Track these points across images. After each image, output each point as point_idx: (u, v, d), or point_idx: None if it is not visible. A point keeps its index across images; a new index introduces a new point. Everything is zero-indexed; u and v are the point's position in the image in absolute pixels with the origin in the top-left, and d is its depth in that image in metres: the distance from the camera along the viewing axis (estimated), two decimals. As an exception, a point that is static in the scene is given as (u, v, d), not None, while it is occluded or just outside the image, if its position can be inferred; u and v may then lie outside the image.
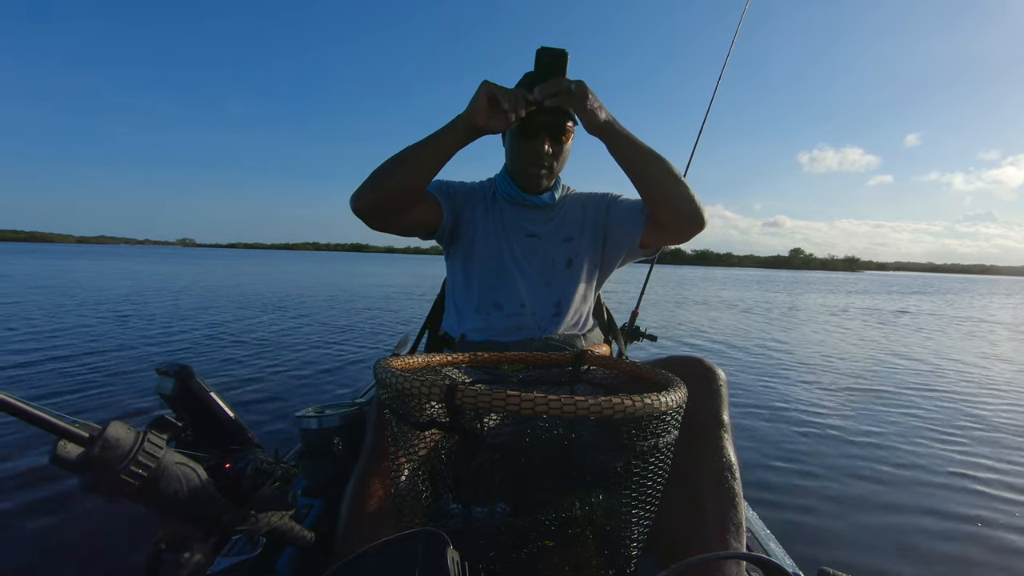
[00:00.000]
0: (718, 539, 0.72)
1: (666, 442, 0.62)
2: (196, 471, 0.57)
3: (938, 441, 2.82)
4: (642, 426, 0.59)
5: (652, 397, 0.56)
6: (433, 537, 0.47)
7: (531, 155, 1.11)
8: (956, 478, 2.32)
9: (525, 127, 1.07)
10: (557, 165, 1.15)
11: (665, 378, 0.72)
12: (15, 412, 0.45)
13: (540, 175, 1.14)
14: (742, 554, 0.62)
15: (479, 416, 0.63)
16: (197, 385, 0.73)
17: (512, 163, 1.17)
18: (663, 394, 0.57)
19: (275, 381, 3.60)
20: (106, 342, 4.76)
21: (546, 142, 1.10)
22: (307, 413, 1.14)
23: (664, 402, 0.56)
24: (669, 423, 0.61)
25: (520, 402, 0.51)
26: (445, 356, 0.91)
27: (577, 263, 1.18)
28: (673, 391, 0.60)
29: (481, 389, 0.53)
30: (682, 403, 0.61)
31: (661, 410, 0.56)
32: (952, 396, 3.88)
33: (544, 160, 1.11)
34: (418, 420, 0.62)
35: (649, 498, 0.63)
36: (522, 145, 1.11)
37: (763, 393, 3.75)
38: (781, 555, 0.99)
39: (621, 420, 0.55)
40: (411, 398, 0.60)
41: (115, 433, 0.50)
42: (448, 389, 0.55)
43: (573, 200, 1.25)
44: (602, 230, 1.21)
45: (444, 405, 0.56)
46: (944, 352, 6.09)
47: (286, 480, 0.65)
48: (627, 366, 0.86)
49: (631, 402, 0.53)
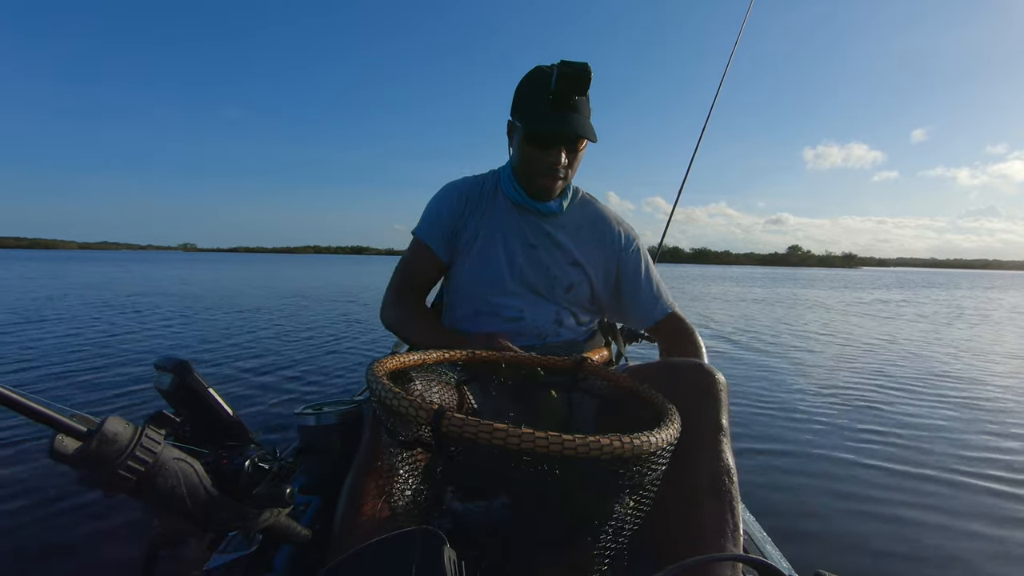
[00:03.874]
0: (714, 541, 0.72)
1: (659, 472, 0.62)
2: (194, 467, 0.57)
3: (939, 441, 2.82)
4: (629, 466, 0.58)
5: (642, 438, 0.55)
6: (429, 535, 0.47)
7: (544, 166, 1.05)
8: (957, 478, 2.32)
9: (539, 137, 1.02)
10: (570, 174, 1.10)
11: (661, 405, 0.72)
12: (13, 405, 0.44)
13: (553, 188, 1.09)
14: (738, 556, 0.62)
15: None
16: (195, 381, 0.73)
17: (521, 169, 1.10)
18: (655, 432, 0.57)
19: (274, 378, 3.60)
20: (105, 338, 4.76)
21: (562, 152, 1.04)
22: (305, 410, 1.14)
23: (655, 441, 0.56)
24: (658, 461, 0.60)
25: (507, 437, 0.50)
26: (442, 354, 0.91)
27: (579, 292, 1.15)
28: (665, 426, 0.59)
29: (468, 420, 0.52)
30: (673, 440, 0.60)
31: (650, 451, 0.55)
32: (952, 396, 3.88)
33: (559, 172, 1.06)
34: (404, 437, 0.61)
35: (644, 503, 0.63)
36: (534, 154, 1.05)
37: (762, 394, 3.75)
38: (777, 558, 0.99)
39: (608, 461, 0.54)
40: (397, 416, 0.59)
41: (113, 427, 0.50)
42: (436, 414, 0.54)
43: (584, 217, 1.19)
44: (612, 289, 1.19)
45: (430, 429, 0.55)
46: (930, 348, 6.09)
47: (284, 477, 0.65)
48: (625, 382, 0.86)
49: (619, 443, 0.53)
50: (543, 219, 1.16)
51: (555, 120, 0.99)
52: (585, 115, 1.02)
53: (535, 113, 1.01)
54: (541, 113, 1.00)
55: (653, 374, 0.88)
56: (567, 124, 0.99)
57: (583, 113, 1.02)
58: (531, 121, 1.02)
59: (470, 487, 0.65)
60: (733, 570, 0.70)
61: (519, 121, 1.05)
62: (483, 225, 1.16)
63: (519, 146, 1.07)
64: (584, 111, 1.02)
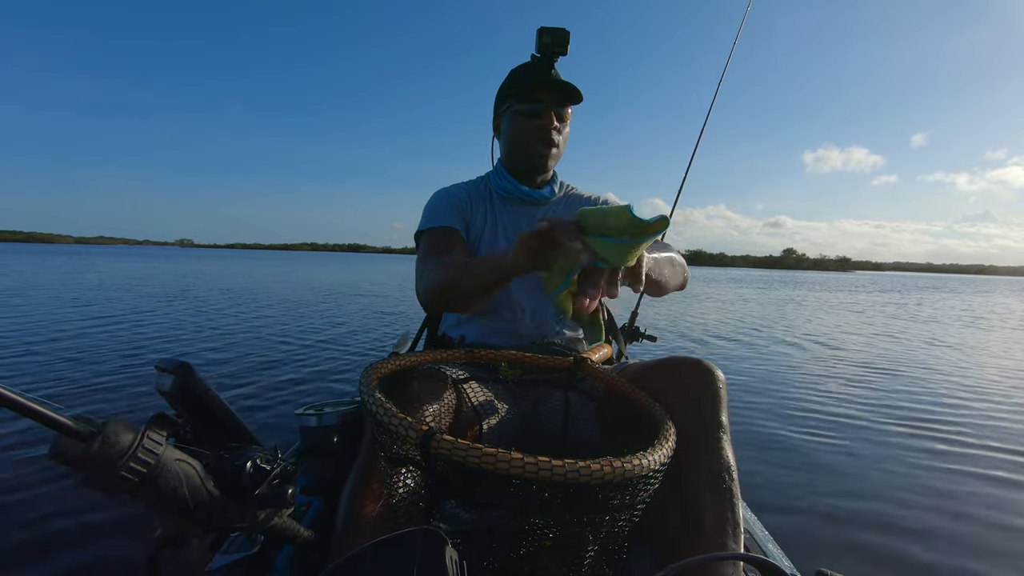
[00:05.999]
0: (716, 540, 0.72)
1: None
2: (195, 468, 0.57)
3: (941, 441, 2.82)
4: (619, 490, 0.58)
5: (633, 461, 0.54)
6: (431, 536, 0.47)
7: (537, 131, 1.11)
8: (959, 479, 2.32)
9: (530, 105, 1.10)
10: (561, 146, 1.15)
11: (658, 417, 0.72)
12: (14, 406, 0.45)
13: (547, 154, 1.13)
14: (740, 555, 0.62)
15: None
16: (196, 382, 0.73)
17: (514, 145, 1.15)
18: (647, 454, 0.56)
19: (274, 378, 3.60)
20: (105, 338, 4.77)
21: (552, 116, 1.11)
22: (306, 411, 1.14)
23: (647, 464, 0.55)
24: (650, 481, 0.60)
25: (496, 462, 0.51)
26: (441, 353, 0.91)
27: None
28: (659, 444, 0.59)
29: (457, 443, 0.53)
30: (666, 459, 0.59)
31: (641, 474, 0.55)
32: (951, 394, 3.88)
33: (552, 137, 1.12)
34: (394, 453, 0.61)
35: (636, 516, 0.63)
36: (527, 123, 1.11)
37: (762, 393, 3.75)
38: (779, 556, 0.99)
39: (598, 486, 0.54)
40: (387, 433, 0.58)
41: (114, 429, 0.50)
42: (425, 436, 0.54)
43: (571, 200, 1.24)
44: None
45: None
46: (915, 349, 6.09)
47: (285, 478, 0.65)
48: (623, 387, 0.85)
49: (610, 468, 0.52)
50: (536, 208, 1.19)
51: (543, 77, 1.09)
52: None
53: (524, 82, 1.11)
54: (529, 79, 1.10)
55: (653, 372, 0.88)
56: (553, 78, 1.09)
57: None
58: (521, 88, 1.10)
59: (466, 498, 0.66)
60: (735, 569, 0.71)
61: (507, 103, 1.14)
62: (484, 225, 1.17)
63: (510, 126, 1.14)
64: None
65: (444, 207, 1.17)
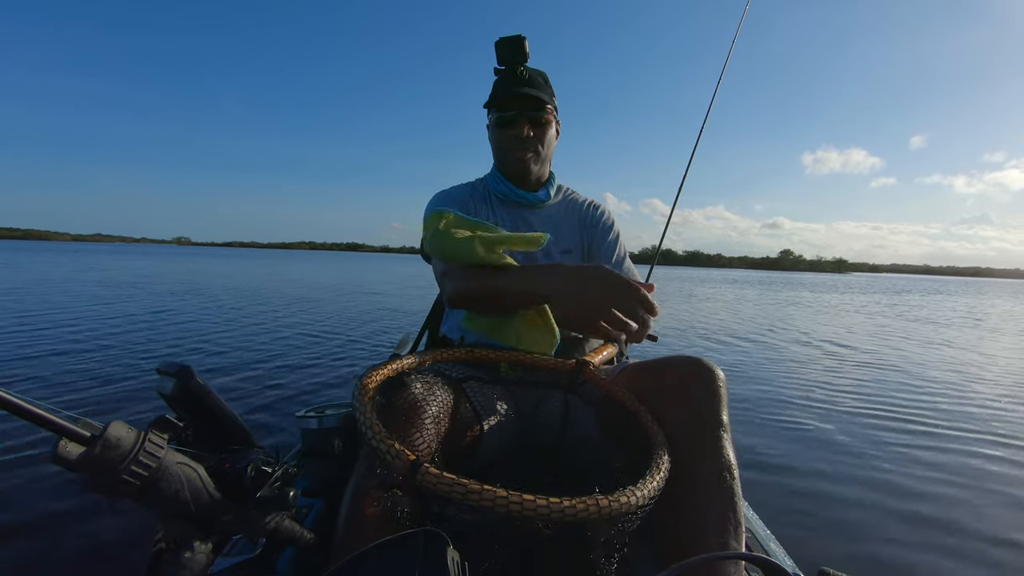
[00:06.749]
0: (717, 539, 0.72)
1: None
2: (197, 471, 0.57)
3: (942, 441, 2.82)
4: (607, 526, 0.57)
5: (621, 499, 0.54)
6: (433, 537, 0.47)
7: (513, 141, 1.15)
8: (960, 479, 2.32)
9: (502, 116, 1.15)
10: (543, 149, 1.18)
11: (653, 435, 0.72)
12: (16, 410, 0.45)
13: (527, 159, 1.17)
14: (742, 554, 0.62)
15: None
16: (198, 385, 0.73)
17: (498, 154, 1.20)
18: (636, 489, 0.56)
19: (275, 381, 3.60)
20: (106, 341, 4.76)
21: (526, 127, 1.14)
22: (307, 413, 1.14)
23: (634, 501, 0.55)
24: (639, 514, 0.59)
25: (480, 498, 0.51)
26: (441, 353, 0.91)
27: None
28: (650, 476, 0.59)
29: (443, 477, 0.52)
30: (657, 491, 0.59)
31: (628, 511, 0.55)
32: (951, 395, 3.88)
33: (527, 144, 1.15)
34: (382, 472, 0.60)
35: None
36: (504, 134, 1.16)
37: (763, 392, 3.75)
38: (781, 555, 0.99)
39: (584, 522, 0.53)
40: (376, 456, 0.58)
41: (116, 433, 0.50)
42: (412, 464, 0.53)
43: (569, 205, 1.25)
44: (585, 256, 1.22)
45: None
46: (913, 350, 6.09)
47: (286, 480, 0.65)
48: (623, 397, 0.85)
49: (596, 507, 0.52)
50: (532, 210, 1.21)
51: (510, 91, 1.13)
52: (539, 87, 1.15)
53: (495, 95, 1.16)
54: (500, 91, 1.15)
55: (653, 371, 0.88)
56: (518, 89, 1.13)
57: (536, 87, 1.15)
58: (492, 102, 1.16)
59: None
60: (737, 568, 0.70)
61: (489, 113, 1.19)
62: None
63: (492, 135, 1.20)
64: (538, 86, 1.15)
65: (451, 206, 1.17)
